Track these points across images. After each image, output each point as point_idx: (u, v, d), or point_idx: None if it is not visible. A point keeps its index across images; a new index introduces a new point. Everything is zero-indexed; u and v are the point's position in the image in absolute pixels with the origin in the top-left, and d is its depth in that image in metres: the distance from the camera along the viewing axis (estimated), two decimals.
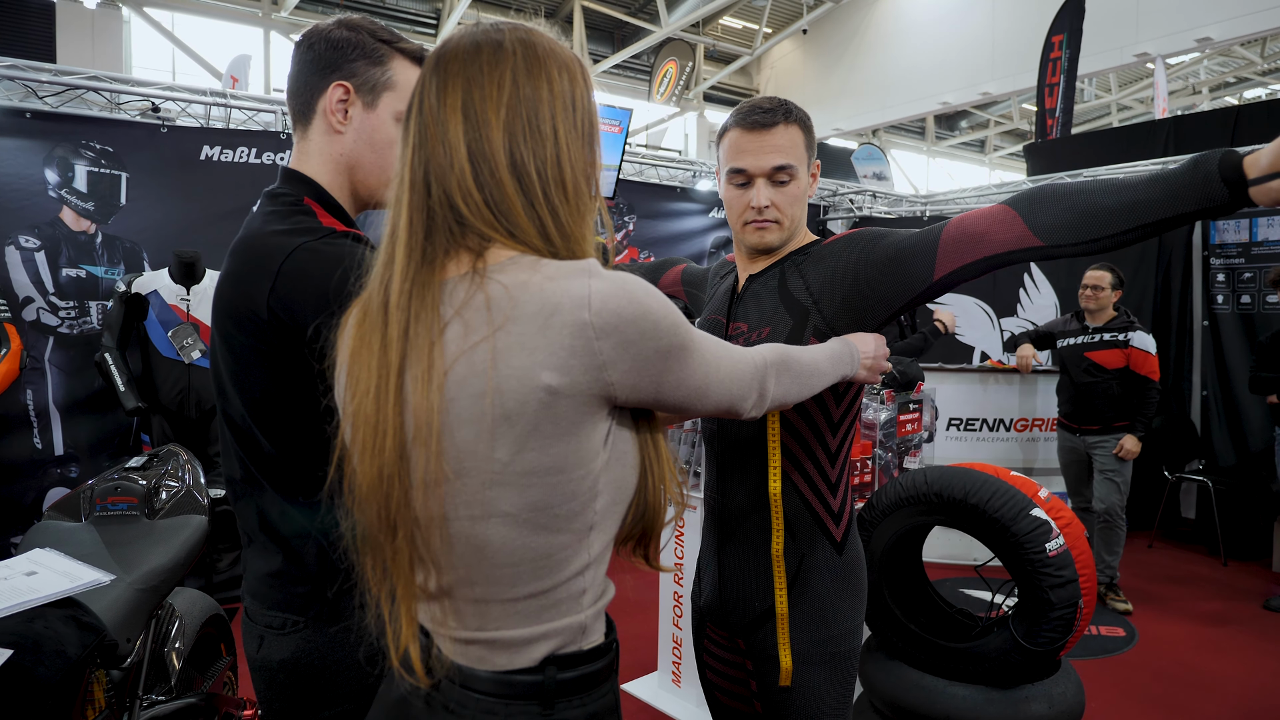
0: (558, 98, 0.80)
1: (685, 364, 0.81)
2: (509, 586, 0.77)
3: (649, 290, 0.77)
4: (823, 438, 1.33)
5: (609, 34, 11.85)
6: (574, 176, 0.81)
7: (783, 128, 1.32)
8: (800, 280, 1.34)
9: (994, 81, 10.19)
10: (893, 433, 2.75)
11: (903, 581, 2.56)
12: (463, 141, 0.78)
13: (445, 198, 0.78)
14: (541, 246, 0.78)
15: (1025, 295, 5.43)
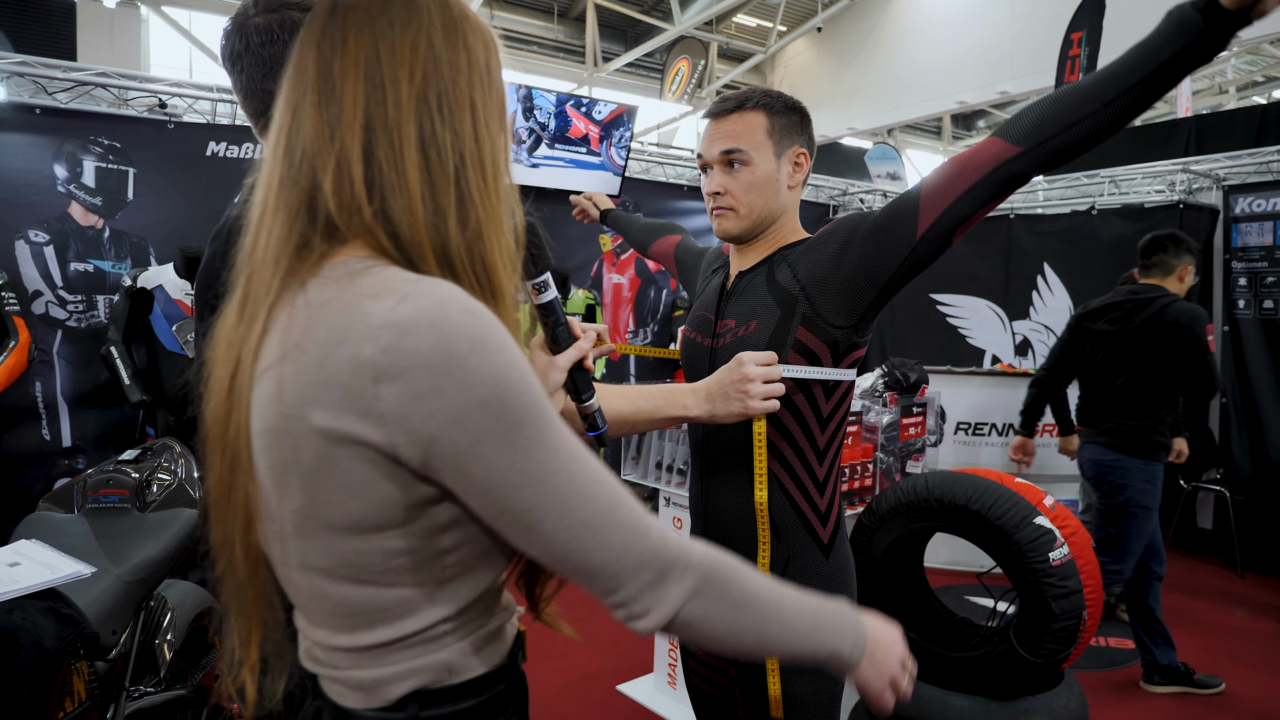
0: (475, 68, 0.70)
1: (513, 456, 0.61)
2: (346, 635, 0.68)
3: (485, 331, 0.61)
4: (810, 433, 1.30)
5: (622, 32, 11.82)
6: (494, 157, 0.70)
7: (739, 114, 1.31)
8: (788, 271, 1.31)
9: (1012, 81, 10.07)
10: (895, 436, 2.71)
11: (903, 588, 2.52)
12: (360, 106, 0.65)
13: (311, 173, 0.66)
14: (421, 240, 0.65)
15: (1038, 298, 5.35)
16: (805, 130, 1.36)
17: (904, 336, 5.82)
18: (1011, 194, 1.14)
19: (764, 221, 1.34)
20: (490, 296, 0.68)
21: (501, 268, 0.69)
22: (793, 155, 1.34)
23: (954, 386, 4.46)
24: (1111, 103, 1.01)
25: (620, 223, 2.02)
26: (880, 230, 1.21)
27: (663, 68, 11.55)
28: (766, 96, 1.32)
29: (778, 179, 1.32)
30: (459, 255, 0.66)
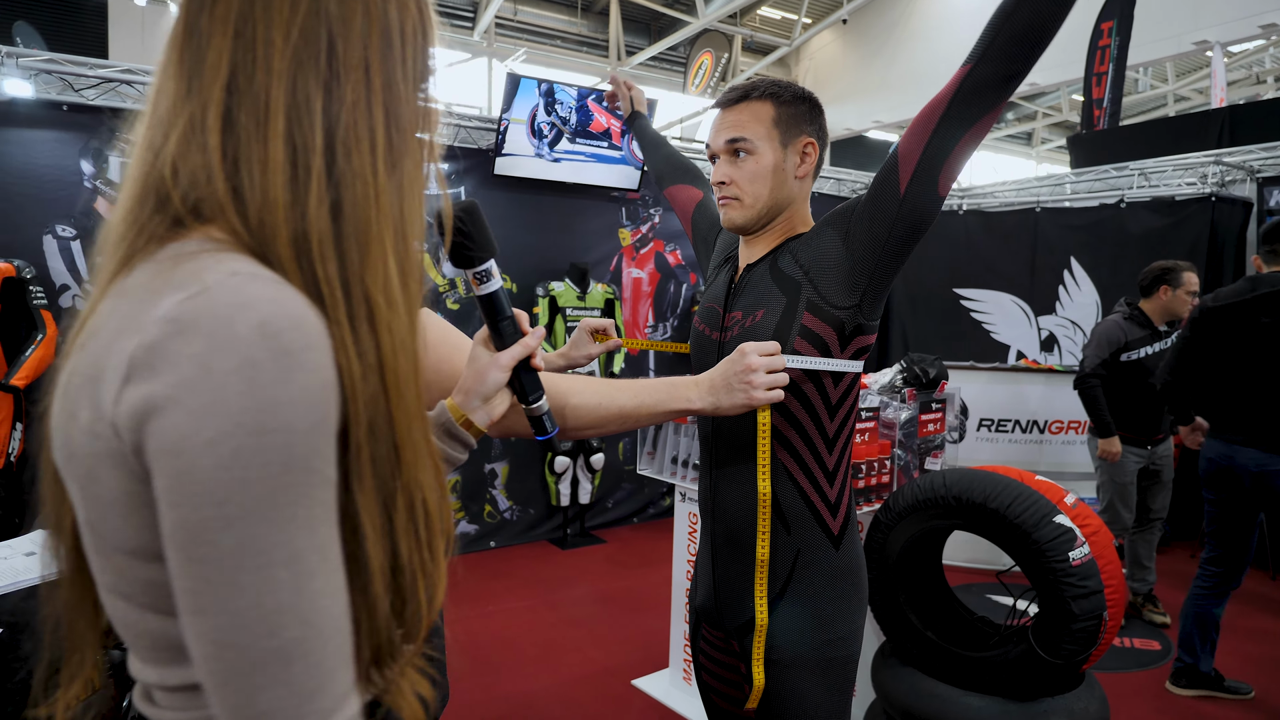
0: (375, 26, 0.61)
1: (223, 521, 0.49)
2: (156, 669, 0.59)
3: (267, 355, 0.49)
4: (820, 421, 1.29)
5: (645, 26, 11.78)
6: (387, 130, 0.61)
7: (745, 104, 1.31)
8: (791, 258, 1.30)
9: (1041, 72, 9.88)
10: (913, 433, 2.67)
11: (920, 586, 2.49)
12: (224, 67, 0.57)
13: (165, 143, 0.58)
14: (275, 223, 0.56)
15: (1065, 293, 5.26)
16: (815, 120, 1.34)
17: (926, 331, 5.76)
18: (987, 114, 1.12)
19: (771, 211, 1.33)
20: (351, 298, 0.58)
21: (379, 263, 0.59)
22: (800, 145, 1.32)
23: (977, 382, 4.40)
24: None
25: (645, 136, 1.86)
26: (872, 201, 1.21)
27: (686, 61, 11.50)
28: (774, 86, 1.31)
29: (784, 168, 1.31)
30: (317, 244, 0.57)
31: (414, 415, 0.61)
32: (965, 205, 5.90)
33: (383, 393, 0.58)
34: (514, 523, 4.77)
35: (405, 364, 0.60)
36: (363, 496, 0.57)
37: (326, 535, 0.53)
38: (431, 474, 0.63)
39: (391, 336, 0.59)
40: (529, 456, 4.76)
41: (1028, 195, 5.76)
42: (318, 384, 0.52)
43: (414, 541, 0.60)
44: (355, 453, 0.56)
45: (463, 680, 3.09)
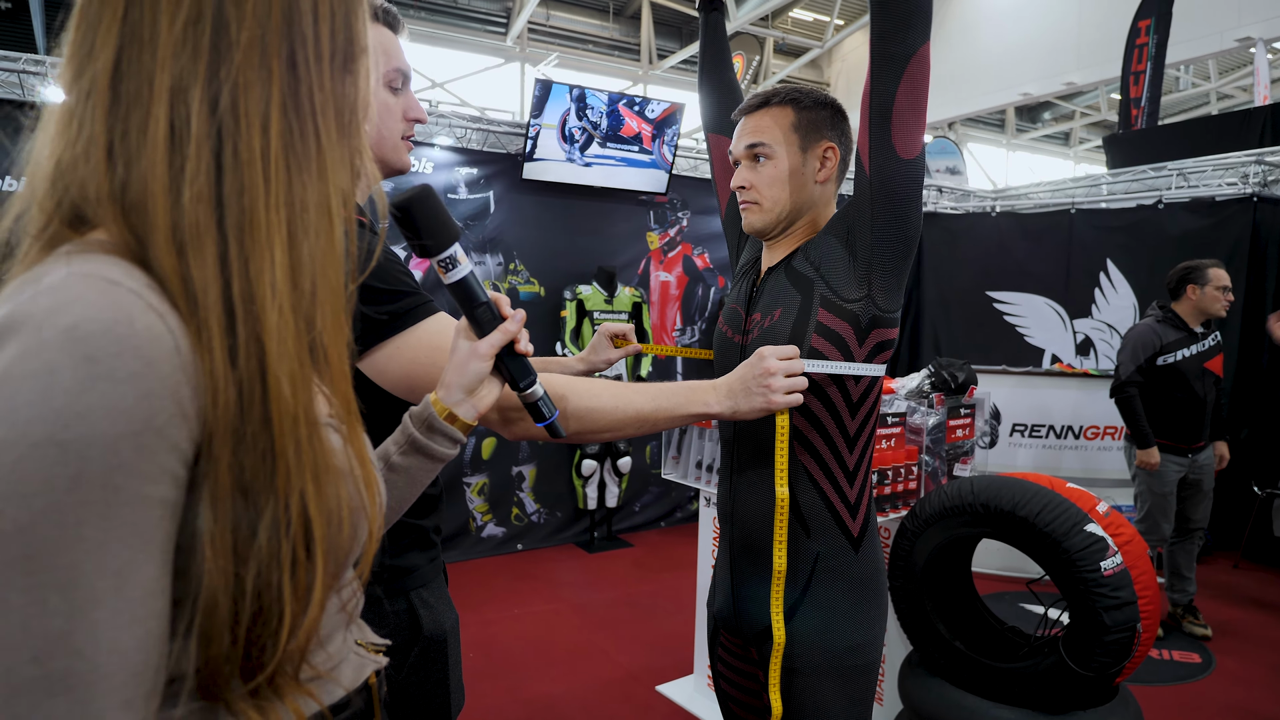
0: (275, 2, 0.57)
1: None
2: None
3: (73, 362, 0.46)
4: (840, 420, 1.28)
5: (677, 29, 11.79)
6: (284, 113, 0.58)
7: (766, 110, 1.32)
8: (803, 257, 1.31)
9: (1079, 71, 9.72)
10: (941, 438, 2.63)
11: (948, 594, 2.45)
12: (110, 53, 0.54)
13: (56, 139, 0.56)
14: (154, 218, 0.53)
15: (1101, 295, 5.15)
16: (838, 126, 1.34)
17: (959, 335, 5.68)
18: (909, 57, 1.16)
19: (791, 215, 1.33)
20: (231, 295, 0.55)
21: (265, 258, 0.56)
22: (821, 150, 1.32)
23: (1009, 387, 4.32)
24: None
25: (715, 40, 1.68)
26: (854, 190, 1.25)
27: None
28: (796, 92, 1.32)
29: (803, 173, 1.31)
30: (194, 238, 0.53)
31: (299, 421, 0.57)
32: (999, 207, 5.81)
33: (261, 395, 0.55)
34: (541, 526, 4.79)
35: (290, 366, 0.57)
36: (213, 511, 0.53)
37: (128, 559, 0.48)
38: (325, 483, 0.59)
39: (274, 337, 0.56)
40: (556, 459, 4.78)
41: (1062, 196, 5.66)
42: (130, 394, 0.48)
43: (280, 560, 0.56)
44: (212, 463, 0.53)
45: (487, 683, 3.11)
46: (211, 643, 0.54)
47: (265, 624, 0.55)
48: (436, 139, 4.44)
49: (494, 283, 4.61)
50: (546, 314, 4.72)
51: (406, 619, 1.14)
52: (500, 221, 4.60)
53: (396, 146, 1.16)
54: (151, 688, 0.51)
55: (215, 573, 0.53)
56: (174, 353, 0.50)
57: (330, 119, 0.61)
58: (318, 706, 0.62)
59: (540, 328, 4.67)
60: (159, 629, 0.51)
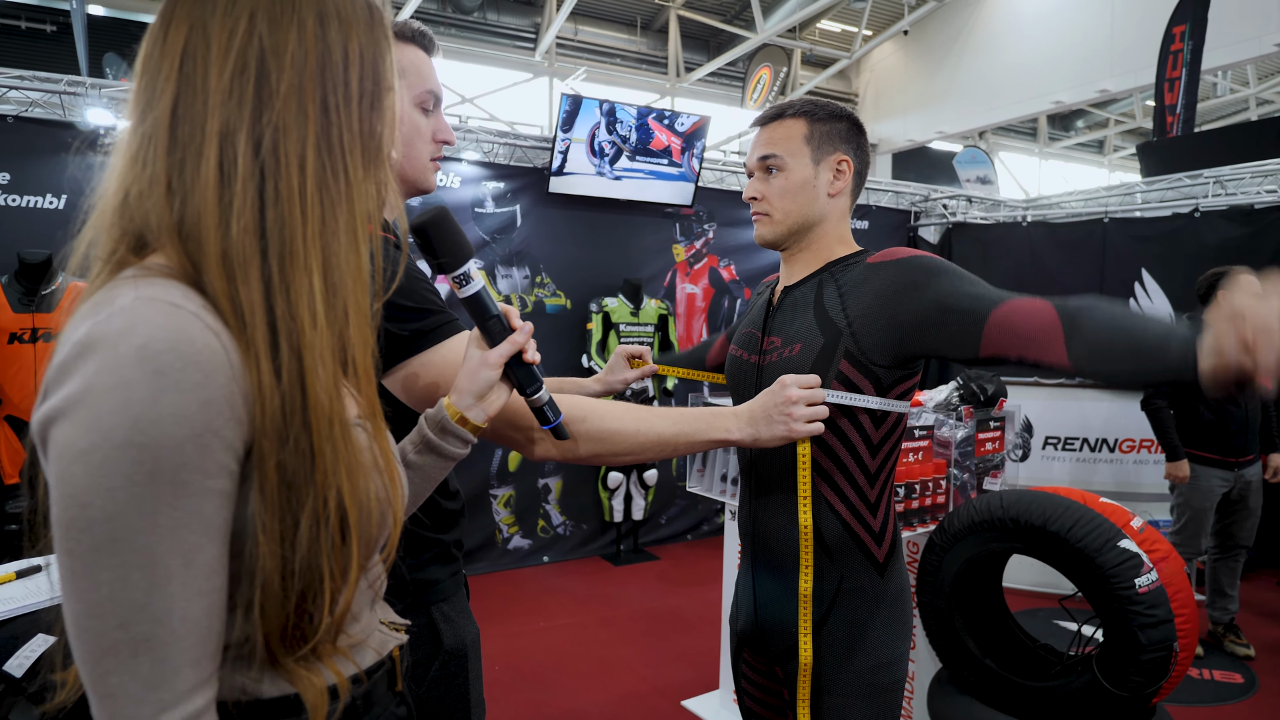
0: (310, 50, 0.65)
1: (90, 521, 0.54)
2: None
3: (144, 375, 0.55)
4: (860, 459, 1.27)
5: (704, 42, 11.82)
6: (319, 152, 0.65)
7: (780, 122, 1.33)
8: (837, 297, 1.27)
9: (1113, 78, 9.56)
10: (970, 452, 2.59)
11: (978, 611, 2.41)
12: (169, 101, 0.62)
13: (127, 176, 0.64)
14: (207, 248, 0.60)
15: (1136, 306, 5.04)
16: (852, 139, 1.33)
17: None
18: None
19: (801, 227, 1.33)
20: (275, 315, 0.62)
21: (304, 282, 0.63)
22: (834, 162, 1.32)
23: (1042, 399, 4.25)
24: (1140, 380, 1.01)
25: (675, 361, 1.78)
26: (942, 314, 1.15)
27: (744, 76, 11.49)
28: (810, 105, 1.32)
29: (815, 185, 1.31)
30: (241, 265, 0.61)
31: (334, 424, 0.64)
32: (1030, 216, 5.73)
33: (301, 403, 0.63)
34: (567, 538, 4.80)
35: (326, 376, 0.64)
36: (263, 502, 0.61)
37: (194, 542, 0.57)
38: (357, 478, 0.67)
39: (313, 352, 0.63)
40: (583, 472, 4.78)
41: (1095, 205, 5.56)
42: (193, 402, 0.56)
43: (320, 545, 0.64)
44: (260, 461, 0.61)
45: (512, 696, 3.11)
46: (267, 615, 0.63)
47: (310, 599, 0.64)
48: (464, 153, 4.49)
49: (520, 295, 4.64)
50: (573, 326, 4.74)
51: (427, 633, 1.15)
52: (527, 235, 4.64)
53: (424, 168, 1.18)
54: (214, 649, 0.60)
55: (268, 555, 0.61)
56: (227, 365, 0.59)
57: (358, 155, 0.68)
58: (355, 669, 0.72)
59: (566, 340, 4.69)
60: (220, 601, 0.60)
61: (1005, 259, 5.59)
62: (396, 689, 0.82)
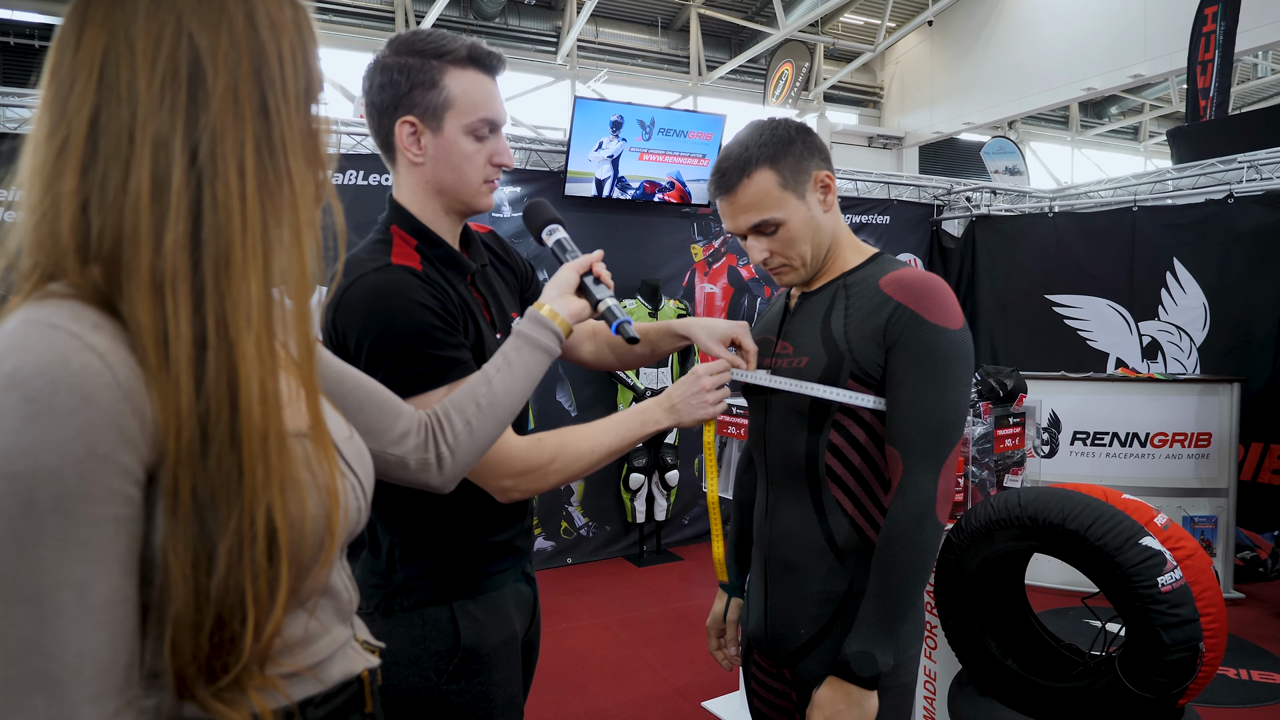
0: (243, 50, 0.62)
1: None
2: None
3: (14, 403, 0.52)
4: (872, 461, 1.27)
5: (726, 40, 11.79)
6: (258, 155, 0.62)
7: (745, 183, 1.26)
8: (843, 319, 1.28)
9: (1146, 63, 9.35)
10: (989, 449, 2.55)
11: (999, 611, 2.36)
12: (89, 114, 0.58)
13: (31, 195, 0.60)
14: (136, 263, 0.57)
15: (1168, 296, 4.92)
16: (811, 150, 1.29)
17: (1017, 340, 5.50)
18: None
19: (822, 255, 1.33)
20: (206, 328, 0.59)
21: (242, 291, 0.60)
22: (815, 185, 1.29)
23: (1069, 393, 4.16)
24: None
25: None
26: (897, 385, 1.23)
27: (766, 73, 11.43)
28: (761, 148, 1.26)
29: (813, 216, 1.29)
30: (171, 278, 0.58)
31: (268, 439, 0.61)
32: (1057, 206, 5.62)
33: (230, 418, 0.60)
34: (590, 539, 4.81)
35: (261, 389, 0.61)
36: (174, 527, 0.58)
37: (87, 573, 0.54)
38: (290, 495, 0.63)
39: (247, 363, 0.60)
40: (605, 474, 4.79)
41: (1125, 193, 5.43)
42: (69, 428, 0.53)
43: (243, 567, 0.60)
44: (168, 485, 0.58)
45: (532, 697, 3.11)
46: (178, 646, 0.59)
47: (229, 628, 0.60)
48: None
49: None
50: None
51: (449, 628, 1.18)
52: None
53: (477, 191, 1.21)
54: (122, 680, 0.57)
55: (178, 583, 0.58)
56: (113, 386, 0.55)
57: (298, 153, 0.65)
58: (285, 701, 0.68)
59: None
60: (125, 631, 0.57)
61: (1031, 251, 5.48)
62: (366, 710, 0.80)
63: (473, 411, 1.00)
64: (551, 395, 4.65)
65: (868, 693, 1.18)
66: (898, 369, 1.21)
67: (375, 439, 0.94)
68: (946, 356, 1.20)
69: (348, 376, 0.94)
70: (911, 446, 1.20)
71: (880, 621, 1.19)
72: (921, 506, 1.18)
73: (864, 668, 1.17)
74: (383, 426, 0.95)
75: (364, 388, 0.96)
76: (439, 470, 0.99)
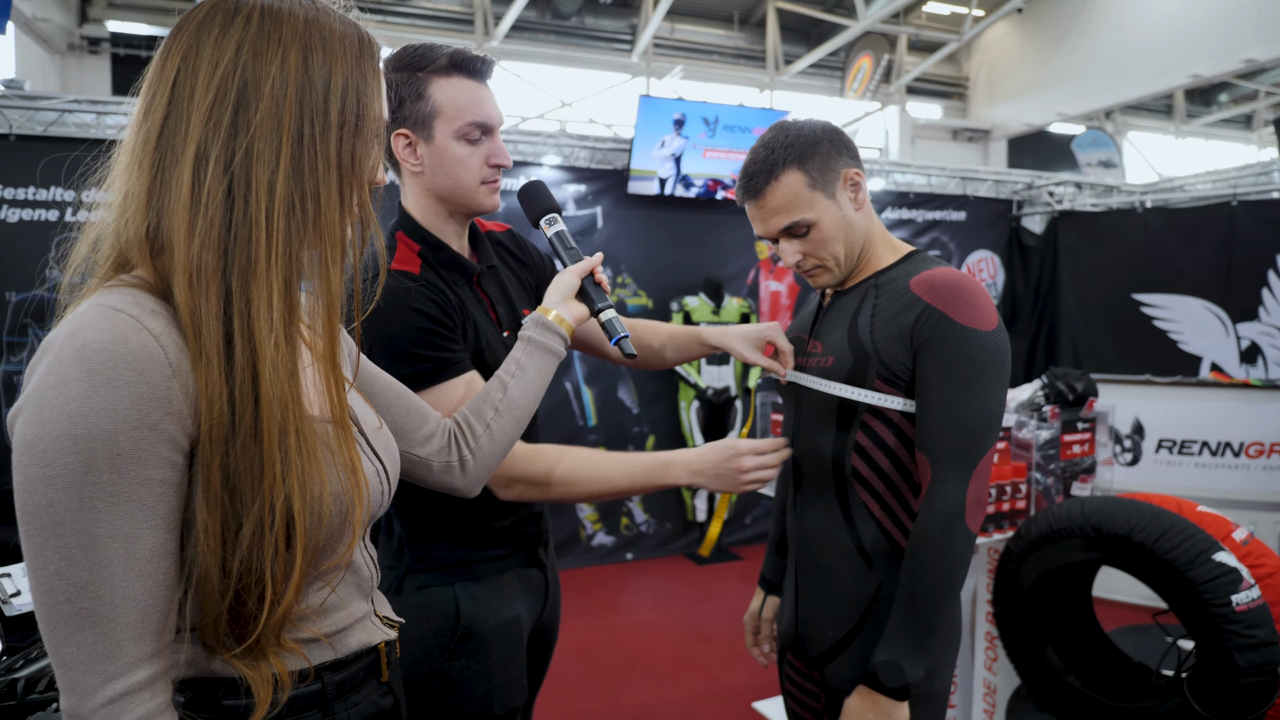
0: (290, 81, 0.69)
1: (42, 505, 0.61)
2: None
3: (79, 373, 0.61)
4: (901, 464, 1.24)
5: (804, 33, 11.57)
6: (289, 177, 0.69)
7: (773, 186, 1.24)
8: (869, 318, 1.25)
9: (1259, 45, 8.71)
10: (1055, 455, 2.44)
11: (1062, 624, 2.26)
12: (158, 123, 0.68)
13: (120, 189, 0.70)
14: (182, 265, 0.65)
15: (1270, 296, 4.59)
16: (839, 147, 1.27)
17: (1101, 342, 5.22)
18: None
19: (855, 255, 1.30)
20: (232, 327, 0.67)
21: (263, 298, 0.67)
22: (845, 182, 1.27)
23: (1154, 399, 3.93)
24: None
25: None
26: (927, 390, 1.20)
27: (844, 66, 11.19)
28: (788, 150, 1.24)
29: (844, 215, 1.27)
30: (203, 279, 0.66)
31: (287, 434, 0.68)
32: (1148, 201, 5.31)
33: (253, 411, 0.67)
34: (650, 536, 4.82)
35: (280, 387, 0.68)
36: (203, 500, 0.65)
37: (133, 528, 0.63)
38: (311, 485, 0.70)
39: (268, 364, 0.67)
40: None
41: (1224, 187, 5.09)
42: (125, 398, 0.61)
43: (263, 549, 0.67)
44: (203, 462, 0.65)
45: (584, 690, 3.15)
46: (204, 609, 0.67)
47: (248, 600, 0.68)
48: (544, 158, 4.59)
49: None
50: None
51: (451, 608, 1.25)
52: (608, 236, 4.69)
53: (474, 192, 1.24)
54: (160, 626, 0.65)
55: (207, 554, 0.66)
56: (165, 365, 0.63)
57: (332, 183, 0.72)
58: (305, 664, 0.76)
59: None
60: (165, 581, 0.65)
61: (1118, 249, 5.20)
62: (382, 679, 0.87)
63: (491, 415, 1.06)
64: (614, 392, 4.68)
65: (897, 703, 1.15)
66: (927, 372, 1.18)
67: (402, 439, 1.01)
68: (978, 359, 1.16)
69: (379, 379, 1.02)
70: (940, 452, 1.16)
71: (909, 631, 1.16)
72: (950, 514, 1.14)
73: (892, 678, 1.14)
74: (409, 427, 1.02)
75: (392, 390, 1.02)
76: (462, 473, 1.05)
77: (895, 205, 5.45)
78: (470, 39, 10.70)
